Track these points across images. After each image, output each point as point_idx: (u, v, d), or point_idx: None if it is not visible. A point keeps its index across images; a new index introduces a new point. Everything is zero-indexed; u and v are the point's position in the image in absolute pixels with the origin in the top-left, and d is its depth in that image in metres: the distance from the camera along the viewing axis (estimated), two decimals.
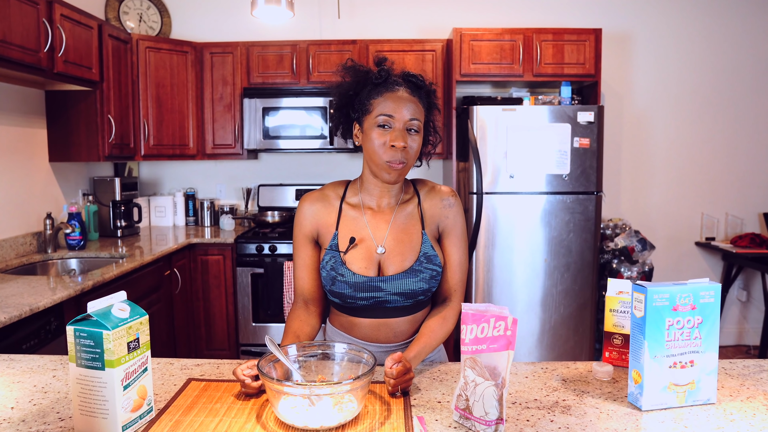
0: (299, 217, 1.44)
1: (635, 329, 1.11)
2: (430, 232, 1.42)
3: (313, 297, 1.45)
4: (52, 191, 3.30)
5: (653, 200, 4.17)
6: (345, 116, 1.42)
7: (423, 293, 1.38)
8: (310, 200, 1.44)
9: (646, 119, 4.12)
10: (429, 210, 1.43)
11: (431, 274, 1.37)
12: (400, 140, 1.30)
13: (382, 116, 1.31)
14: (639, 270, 3.45)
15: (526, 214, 3.41)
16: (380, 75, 1.36)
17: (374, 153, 1.32)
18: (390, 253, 1.38)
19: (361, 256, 1.37)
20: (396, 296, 1.36)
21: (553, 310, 3.45)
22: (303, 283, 1.45)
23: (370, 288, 1.35)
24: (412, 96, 1.35)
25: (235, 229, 3.99)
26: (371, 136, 1.33)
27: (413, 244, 1.39)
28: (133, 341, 1.03)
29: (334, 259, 1.38)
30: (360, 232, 1.40)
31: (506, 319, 1.00)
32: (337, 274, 1.36)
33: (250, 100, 3.77)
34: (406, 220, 1.42)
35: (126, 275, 2.75)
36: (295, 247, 1.45)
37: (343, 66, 1.41)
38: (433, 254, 1.39)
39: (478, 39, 3.53)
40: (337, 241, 1.39)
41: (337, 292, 1.37)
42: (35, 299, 2.07)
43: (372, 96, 1.35)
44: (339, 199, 1.44)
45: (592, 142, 3.35)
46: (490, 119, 3.36)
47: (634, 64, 4.09)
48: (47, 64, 2.64)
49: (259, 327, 3.61)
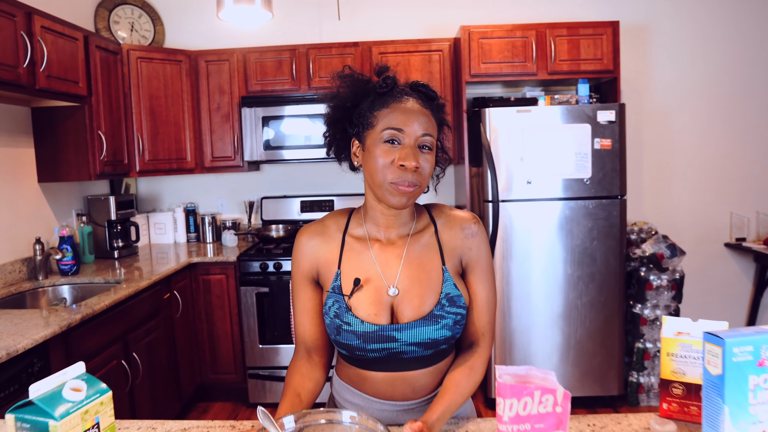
0: (296, 255, 1.23)
1: (710, 389, 0.90)
2: (452, 266, 1.20)
3: (316, 345, 1.25)
4: (43, 213, 3.12)
5: (678, 201, 3.93)
6: (341, 132, 1.21)
7: (446, 341, 1.16)
8: (308, 235, 1.23)
9: (668, 116, 3.88)
10: (449, 241, 1.21)
11: (455, 318, 1.16)
12: (411, 159, 1.08)
13: (389, 130, 1.10)
14: (669, 278, 3.22)
15: (545, 222, 3.19)
16: (385, 83, 1.15)
17: (378, 174, 1.11)
18: (404, 294, 1.16)
19: (370, 300, 1.16)
20: (414, 346, 1.15)
21: (578, 323, 3.23)
22: (304, 330, 1.24)
23: (382, 338, 1.14)
24: (424, 108, 1.14)
25: (239, 245, 3.80)
26: (375, 153, 1.11)
27: (432, 283, 1.17)
28: (91, 428, 0.83)
29: (337, 304, 1.17)
30: (367, 270, 1.18)
31: (555, 392, 0.79)
32: (342, 323, 1.15)
33: (248, 109, 3.57)
34: (422, 253, 1.20)
35: (121, 303, 2.56)
36: (293, 288, 1.25)
37: (338, 74, 1.20)
38: (456, 294, 1.17)
39: (488, 36, 3.32)
40: (339, 283, 1.18)
41: (344, 343, 1.16)
42: (14, 340, 1.89)
43: (375, 107, 1.14)
44: (341, 231, 1.22)
45: (614, 143, 3.12)
46: (504, 121, 3.14)
47: (653, 57, 3.85)
48: (28, 80, 2.45)
49: (266, 349, 3.42)
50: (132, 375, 2.66)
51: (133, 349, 2.69)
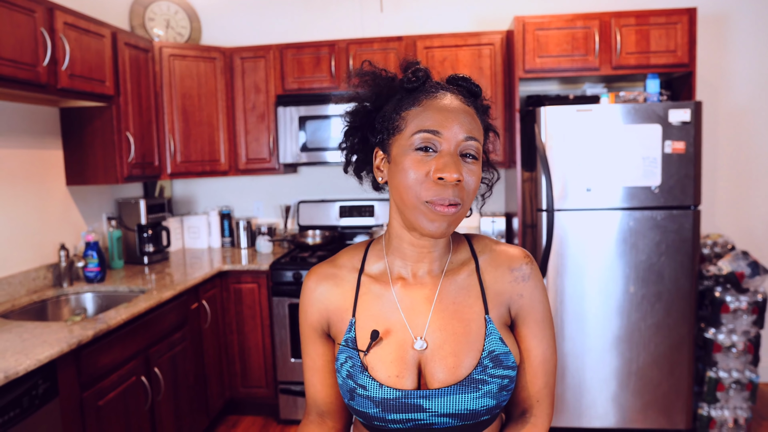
0: (303, 303, 1.00)
1: None
2: (498, 316, 0.94)
3: (329, 409, 1.02)
4: (71, 217, 3.01)
5: (758, 212, 3.50)
6: (361, 142, 0.97)
7: (488, 412, 0.90)
8: (316, 278, 0.99)
9: (749, 116, 3.45)
10: (494, 283, 0.95)
11: (501, 383, 0.90)
12: (452, 170, 0.84)
13: (423, 133, 0.86)
14: (749, 300, 2.83)
15: (605, 234, 2.86)
16: (415, 76, 0.91)
17: (409, 192, 0.86)
18: (436, 350, 0.91)
19: (391, 357, 0.91)
20: (447, 418, 0.89)
21: (641, 347, 2.89)
22: (314, 391, 1.01)
23: (405, 407, 0.89)
24: (467, 105, 0.89)
25: (274, 251, 3.62)
26: (404, 165, 0.87)
27: (472, 336, 0.91)
28: None
29: (351, 361, 0.92)
30: (387, 318, 0.93)
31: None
32: (356, 385, 0.91)
33: (285, 109, 3.38)
34: (459, 297, 0.93)
35: (142, 316, 2.40)
36: (302, 341, 1.02)
37: (357, 71, 0.96)
38: (503, 352, 0.91)
39: (545, 28, 3.00)
40: (354, 334, 0.93)
41: (359, 411, 0.91)
42: (17, 360, 1.73)
43: (403, 107, 0.90)
44: (356, 271, 0.98)
45: (687, 146, 2.76)
46: (561, 122, 2.82)
47: (732, 50, 3.43)
48: (48, 79, 2.32)
49: (298, 363, 3.22)
50: (153, 392, 2.50)
51: (155, 364, 2.53)
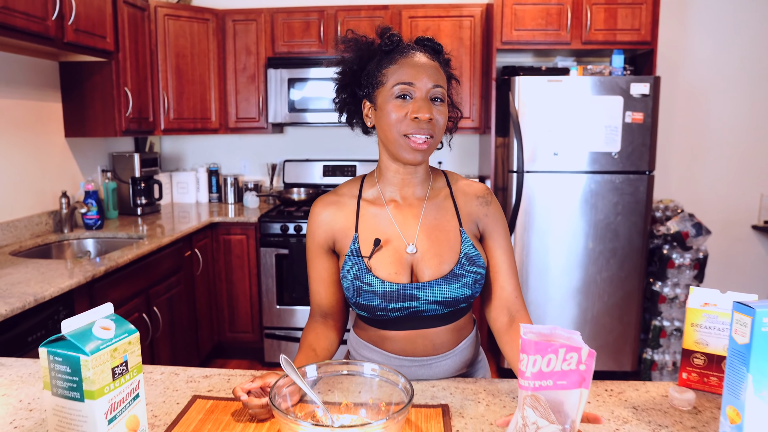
0: (311, 226, 1.25)
1: (735, 358, 0.89)
2: (469, 230, 1.21)
3: (331, 311, 1.26)
4: (69, 168, 3.16)
5: (707, 181, 3.85)
6: (351, 96, 1.22)
7: (465, 300, 1.17)
8: (322, 205, 1.24)
9: (703, 92, 3.77)
10: (464, 206, 1.23)
11: (475, 277, 1.16)
12: (425, 111, 1.09)
13: (400, 85, 1.11)
14: (692, 257, 3.17)
15: (569, 195, 3.15)
16: (390, 40, 1.15)
17: (392, 129, 1.12)
18: (424, 253, 1.17)
19: (390, 260, 1.17)
20: (434, 305, 1.15)
21: (596, 298, 3.21)
22: (319, 297, 1.26)
23: (403, 297, 1.15)
24: (432, 60, 1.15)
25: (260, 207, 3.82)
26: (387, 109, 1.12)
27: (451, 242, 1.18)
28: (120, 366, 0.85)
29: (357, 266, 1.17)
30: (384, 230, 1.19)
31: (580, 351, 0.78)
32: (362, 284, 1.15)
33: (275, 71, 3.55)
34: (439, 214, 1.21)
35: (143, 258, 2.61)
36: (308, 258, 1.26)
37: (342, 39, 1.20)
38: (475, 254, 1.17)
39: (522, 3, 3.23)
40: (358, 245, 1.18)
41: (365, 305, 1.16)
42: (41, 287, 1.93)
43: (383, 65, 1.15)
44: (355, 197, 1.24)
45: (646, 117, 3.05)
46: (534, 91, 3.08)
47: (692, 30, 3.72)
48: (56, 33, 2.46)
49: (283, 310, 3.46)
50: (153, 328, 2.72)
51: (155, 304, 2.75)
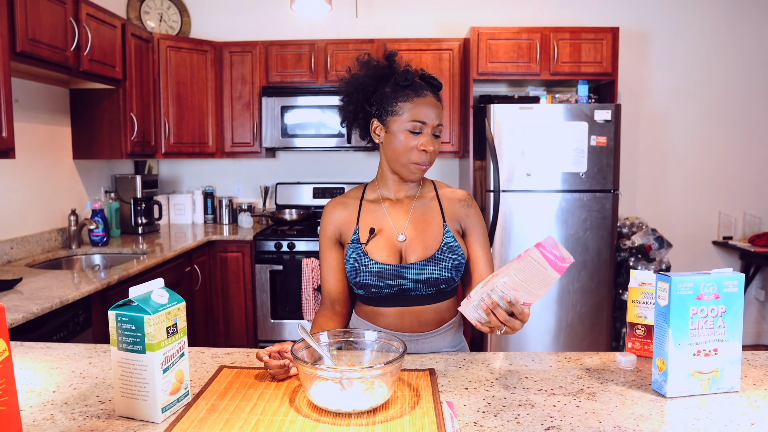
0: (323, 222, 1.51)
1: (659, 318, 1.13)
2: (452, 226, 1.47)
3: (339, 298, 1.50)
4: (76, 188, 3.36)
5: (670, 199, 4.16)
6: (362, 110, 1.46)
7: (445, 282, 1.41)
8: (332, 205, 1.51)
9: (664, 118, 4.11)
10: (449, 206, 1.49)
11: (453, 263, 1.41)
12: (430, 145, 1.39)
13: (416, 122, 1.38)
14: (656, 268, 3.44)
15: (543, 212, 3.42)
16: (406, 78, 1.40)
17: (402, 155, 1.40)
18: (411, 241, 1.43)
19: (383, 245, 1.43)
20: (418, 284, 1.40)
21: (570, 307, 3.46)
22: (330, 285, 1.50)
23: (392, 276, 1.39)
24: (437, 101, 1.42)
25: (254, 227, 4.04)
26: (400, 138, 1.39)
27: (434, 233, 1.44)
28: (172, 326, 1.07)
29: (356, 251, 1.43)
30: (380, 222, 1.45)
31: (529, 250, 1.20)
32: (360, 265, 1.41)
33: (268, 99, 3.81)
34: (426, 211, 1.47)
35: (148, 270, 2.80)
36: (320, 251, 1.52)
37: (359, 59, 1.46)
38: (455, 245, 1.43)
39: (496, 38, 3.55)
40: (358, 235, 1.45)
41: (361, 283, 1.41)
42: (64, 292, 2.13)
43: (399, 98, 1.39)
44: (358, 199, 1.51)
45: (609, 141, 3.35)
46: (507, 118, 3.37)
47: (651, 63, 4.08)
48: (74, 63, 2.70)
49: (277, 323, 3.65)
50: None
51: None
